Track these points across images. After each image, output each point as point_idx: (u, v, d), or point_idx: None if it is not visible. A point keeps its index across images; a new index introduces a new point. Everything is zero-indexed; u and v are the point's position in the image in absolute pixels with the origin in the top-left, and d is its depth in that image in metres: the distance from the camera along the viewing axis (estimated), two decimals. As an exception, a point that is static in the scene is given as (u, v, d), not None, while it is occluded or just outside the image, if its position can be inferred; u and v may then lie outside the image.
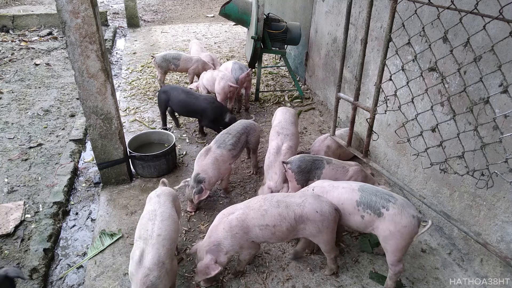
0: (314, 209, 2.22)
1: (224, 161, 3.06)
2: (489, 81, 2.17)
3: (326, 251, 2.38)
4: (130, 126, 4.51)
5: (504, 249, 2.22)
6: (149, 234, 2.11)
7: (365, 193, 2.30)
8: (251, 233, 2.26)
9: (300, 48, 5.85)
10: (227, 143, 3.11)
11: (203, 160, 3.02)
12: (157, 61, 5.14)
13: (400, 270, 2.27)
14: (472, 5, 1.80)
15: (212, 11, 11.30)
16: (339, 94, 3.03)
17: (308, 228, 2.25)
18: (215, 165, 3.00)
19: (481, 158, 2.24)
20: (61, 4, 2.63)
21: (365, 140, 2.85)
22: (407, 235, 2.16)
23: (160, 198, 2.38)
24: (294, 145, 3.20)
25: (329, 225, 2.24)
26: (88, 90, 2.99)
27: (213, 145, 3.11)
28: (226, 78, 4.35)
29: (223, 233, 2.26)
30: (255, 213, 2.26)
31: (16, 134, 4.25)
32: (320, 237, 2.29)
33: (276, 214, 2.23)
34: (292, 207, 2.24)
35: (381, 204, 2.21)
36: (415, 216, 2.17)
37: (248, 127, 3.34)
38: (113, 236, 2.82)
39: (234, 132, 3.23)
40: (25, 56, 6.84)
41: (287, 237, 2.32)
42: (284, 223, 2.22)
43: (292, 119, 3.42)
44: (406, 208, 2.18)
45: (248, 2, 5.29)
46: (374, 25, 3.43)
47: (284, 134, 3.22)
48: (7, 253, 2.71)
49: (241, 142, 3.24)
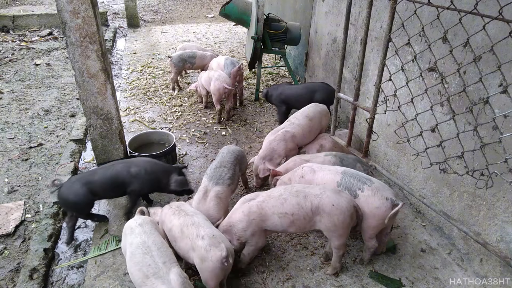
0: (331, 202, 2.25)
1: (226, 198, 2.72)
2: (488, 81, 2.18)
3: (336, 246, 2.39)
4: (130, 126, 4.51)
5: (503, 249, 2.23)
6: (155, 267, 1.93)
7: (346, 175, 2.50)
8: (268, 221, 2.34)
9: (300, 48, 5.85)
10: (225, 178, 2.74)
11: (204, 204, 2.62)
12: (174, 61, 5.20)
13: (372, 245, 2.49)
14: (472, 5, 1.80)
15: (212, 12, 11.30)
16: (339, 94, 3.03)
17: (323, 220, 2.28)
18: (220, 205, 2.63)
19: (480, 158, 2.24)
20: (61, 4, 2.64)
21: (364, 140, 2.85)
22: (378, 216, 2.32)
23: (144, 227, 2.17)
24: (294, 133, 3.35)
25: (345, 220, 2.26)
26: (89, 90, 2.99)
27: (209, 183, 2.71)
28: (221, 79, 4.35)
29: (240, 216, 2.36)
30: (275, 201, 2.34)
31: (16, 134, 4.25)
32: (334, 231, 2.31)
33: (295, 203, 2.30)
34: (309, 197, 2.30)
35: (357, 186, 2.41)
36: (389, 199, 2.30)
37: (238, 156, 3.01)
38: (119, 243, 2.76)
39: (229, 164, 2.85)
40: (26, 56, 6.84)
41: (305, 227, 2.36)
42: (302, 212, 2.28)
43: (308, 113, 3.53)
44: (380, 191, 2.34)
45: (248, 3, 5.29)
46: (374, 25, 3.44)
47: (291, 122, 3.44)
48: (7, 253, 2.71)
49: (236, 174, 2.91)
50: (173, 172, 2.94)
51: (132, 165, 2.86)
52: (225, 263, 2.07)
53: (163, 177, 2.90)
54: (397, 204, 2.30)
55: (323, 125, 3.69)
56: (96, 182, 2.75)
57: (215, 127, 4.58)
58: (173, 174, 2.93)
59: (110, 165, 2.88)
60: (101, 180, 2.76)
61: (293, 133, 3.36)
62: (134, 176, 2.81)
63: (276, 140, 3.30)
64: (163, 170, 2.93)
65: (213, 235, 2.14)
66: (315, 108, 3.63)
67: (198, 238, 2.13)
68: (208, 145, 4.17)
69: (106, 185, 2.78)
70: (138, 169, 2.83)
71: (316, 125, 3.55)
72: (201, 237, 2.13)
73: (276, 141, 3.29)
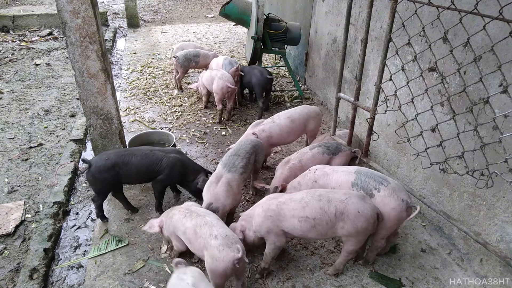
0: (357, 208, 2.20)
1: (237, 186, 2.74)
2: (488, 81, 2.18)
3: (349, 251, 2.37)
4: (130, 126, 4.51)
5: (503, 249, 2.23)
6: None
7: (360, 175, 2.44)
8: (285, 222, 2.30)
9: (300, 48, 5.85)
10: (238, 166, 2.78)
11: (215, 188, 2.67)
12: (180, 61, 5.23)
13: (381, 245, 2.48)
14: (472, 5, 1.80)
15: (212, 12, 11.30)
16: (339, 94, 3.03)
17: (346, 227, 2.22)
18: (229, 192, 2.66)
19: (480, 158, 2.24)
20: (61, 4, 2.64)
21: (365, 140, 2.85)
22: (394, 217, 2.29)
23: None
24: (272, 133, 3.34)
25: (367, 227, 2.22)
26: (89, 90, 2.99)
27: (222, 170, 2.76)
28: (225, 79, 4.35)
29: (259, 211, 2.38)
30: (295, 204, 2.29)
31: (16, 134, 4.25)
32: (354, 238, 2.27)
33: (317, 207, 2.23)
34: (334, 202, 2.23)
35: (373, 185, 2.35)
36: (404, 200, 2.28)
37: (256, 145, 3.03)
38: (119, 243, 2.78)
39: (243, 153, 2.88)
40: (26, 56, 6.84)
41: (326, 233, 2.29)
42: (325, 217, 2.23)
43: (292, 114, 3.49)
44: (396, 191, 2.30)
45: (248, 3, 5.29)
46: (374, 25, 3.44)
47: (272, 120, 3.43)
48: (7, 253, 2.71)
49: (250, 163, 2.92)
50: (201, 172, 3.02)
51: (170, 153, 2.94)
52: (236, 265, 2.06)
53: (192, 174, 2.97)
54: (412, 206, 2.28)
55: (310, 129, 3.59)
56: (132, 163, 2.82)
57: (215, 127, 4.58)
58: (201, 174, 3.00)
59: (148, 150, 2.94)
60: (139, 163, 2.83)
61: (270, 134, 3.35)
62: (168, 165, 2.88)
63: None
64: (194, 167, 3.03)
65: (226, 235, 2.13)
66: (302, 110, 3.57)
67: (211, 237, 2.12)
68: (208, 145, 4.17)
69: (142, 169, 2.85)
70: (174, 158, 2.91)
71: (299, 127, 3.49)
72: (214, 236, 2.12)
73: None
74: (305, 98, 5.35)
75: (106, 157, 2.80)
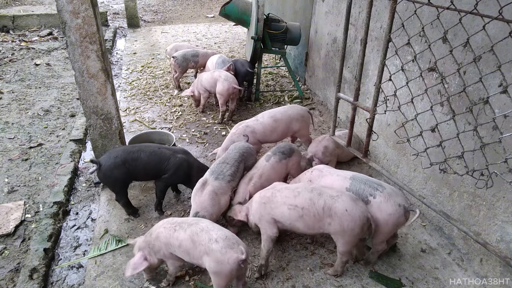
0: (345, 207, 2.21)
1: (223, 194, 2.72)
2: (488, 81, 2.18)
3: (341, 252, 2.38)
4: (130, 126, 4.51)
5: (503, 249, 2.23)
6: None
7: (355, 181, 2.46)
8: (276, 210, 2.37)
9: (300, 48, 5.85)
10: (225, 174, 2.76)
11: (200, 196, 2.66)
12: (179, 61, 5.22)
13: (382, 248, 2.48)
14: (472, 5, 1.80)
15: (212, 12, 11.30)
16: (339, 94, 3.03)
17: (333, 224, 2.24)
18: (215, 200, 2.65)
19: (480, 158, 2.24)
20: (61, 5, 2.64)
21: (364, 140, 2.85)
22: (392, 222, 2.31)
23: None
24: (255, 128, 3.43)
25: (354, 228, 2.22)
26: (88, 90, 2.99)
27: (209, 177, 2.74)
28: (230, 80, 4.34)
29: (257, 198, 2.51)
30: (289, 192, 2.38)
31: (16, 134, 4.25)
32: (341, 237, 2.28)
33: (307, 198, 2.29)
34: (324, 196, 2.27)
35: (369, 192, 2.36)
36: (401, 205, 2.29)
37: (245, 153, 2.98)
38: (119, 243, 2.78)
39: (232, 161, 2.86)
40: (26, 56, 6.84)
41: (313, 226, 2.30)
42: (313, 208, 2.26)
43: (276, 114, 3.54)
44: (393, 197, 2.31)
45: (248, 3, 5.29)
46: (374, 25, 3.44)
47: (256, 118, 3.53)
48: (7, 253, 2.71)
49: (239, 171, 2.90)
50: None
51: (177, 153, 2.96)
52: (241, 265, 2.07)
53: (197, 175, 2.93)
54: (411, 210, 2.29)
55: (295, 130, 3.62)
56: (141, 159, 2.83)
57: (215, 127, 4.58)
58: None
59: (156, 147, 2.96)
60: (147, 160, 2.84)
61: (253, 129, 3.43)
62: (174, 165, 2.89)
63: (236, 133, 3.40)
64: (199, 167, 3.04)
65: (226, 237, 2.12)
66: (285, 110, 3.59)
67: (212, 242, 2.09)
68: (208, 145, 4.17)
69: (149, 166, 2.86)
70: (181, 159, 2.93)
71: (282, 127, 3.52)
72: (214, 240, 2.10)
73: (236, 135, 3.38)
74: (305, 98, 5.36)
75: (115, 155, 2.82)
